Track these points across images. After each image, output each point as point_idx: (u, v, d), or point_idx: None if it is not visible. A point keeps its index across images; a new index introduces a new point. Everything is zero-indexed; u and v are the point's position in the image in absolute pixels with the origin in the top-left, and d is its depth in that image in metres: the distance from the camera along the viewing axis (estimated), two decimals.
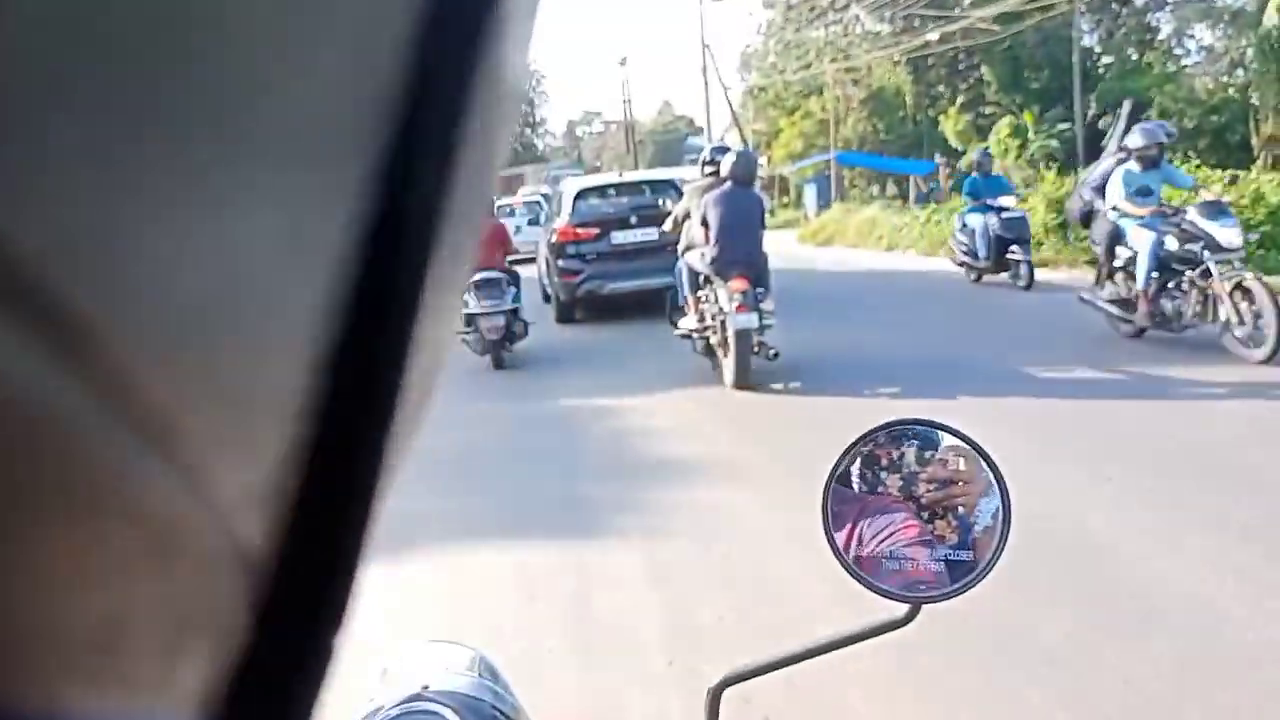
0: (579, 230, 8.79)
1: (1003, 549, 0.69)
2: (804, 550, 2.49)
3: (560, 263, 8.81)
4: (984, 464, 0.72)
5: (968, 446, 0.71)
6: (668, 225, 6.86)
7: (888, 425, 0.73)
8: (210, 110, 0.11)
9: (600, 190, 9.18)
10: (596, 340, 8.12)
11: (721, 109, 27.63)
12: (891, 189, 22.43)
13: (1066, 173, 14.74)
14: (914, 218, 13.22)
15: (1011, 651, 2.14)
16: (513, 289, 6.77)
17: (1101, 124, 20.54)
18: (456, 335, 7.65)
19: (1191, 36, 26.07)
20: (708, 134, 25.13)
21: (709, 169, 6.41)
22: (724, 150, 6.65)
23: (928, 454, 0.72)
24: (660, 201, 8.52)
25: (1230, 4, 19.50)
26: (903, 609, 0.68)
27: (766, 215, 6.11)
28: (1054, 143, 16.68)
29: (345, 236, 0.14)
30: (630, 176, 9.89)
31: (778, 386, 5.61)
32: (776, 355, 5.64)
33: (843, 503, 0.72)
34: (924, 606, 0.68)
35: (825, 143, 24.43)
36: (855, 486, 0.72)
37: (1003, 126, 17.38)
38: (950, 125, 19.68)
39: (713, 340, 5.90)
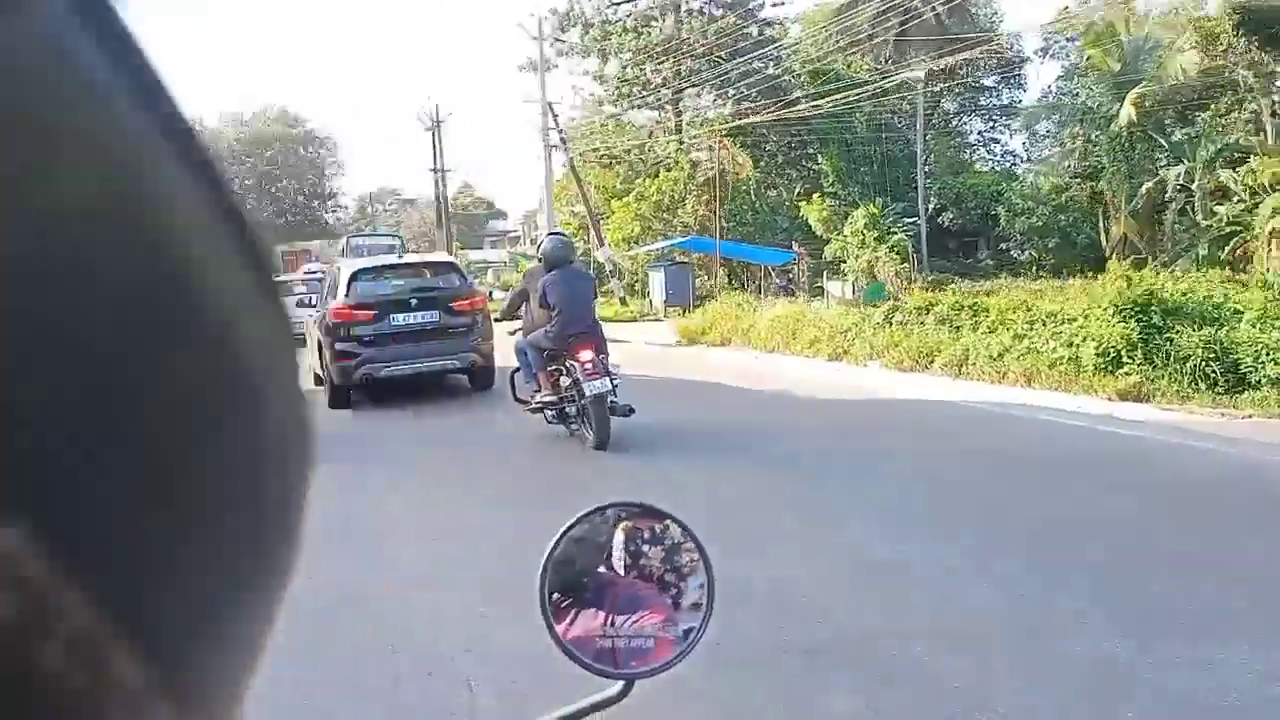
0: (356, 311, 9.12)
1: (707, 624, 0.74)
2: None
3: (336, 345, 9.05)
4: (693, 544, 0.78)
5: (678, 527, 0.77)
6: (503, 308, 7.65)
7: (601, 508, 0.77)
8: None
9: (378, 271, 9.79)
10: (387, 429, 8.38)
11: (532, 192, 27.96)
12: (734, 279, 22.56)
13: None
14: (862, 317, 11.34)
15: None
16: None
17: (941, 219, 22.60)
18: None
19: (996, 141, 30.04)
20: (548, 215, 25.32)
21: (538, 254, 7.21)
22: (552, 237, 7.41)
23: (648, 526, 0.78)
24: (440, 283, 8.69)
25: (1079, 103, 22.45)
26: (618, 685, 0.71)
27: (599, 295, 7.38)
28: (905, 236, 18.00)
29: None
30: (410, 258, 10.11)
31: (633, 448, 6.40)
32: (631, 411, 6.40)
33: (563, 581, 0.76)
34: (637, 681, 0.70)
35: (661, 227, 25.01)
36: (578, 564, 0.75)
37: (857, 217, 18.11)
38: (815, 211, 19.86)
39: (569, 409, 6.67)
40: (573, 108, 29.40)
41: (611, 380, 6.18)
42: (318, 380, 9.98)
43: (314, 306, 10.94)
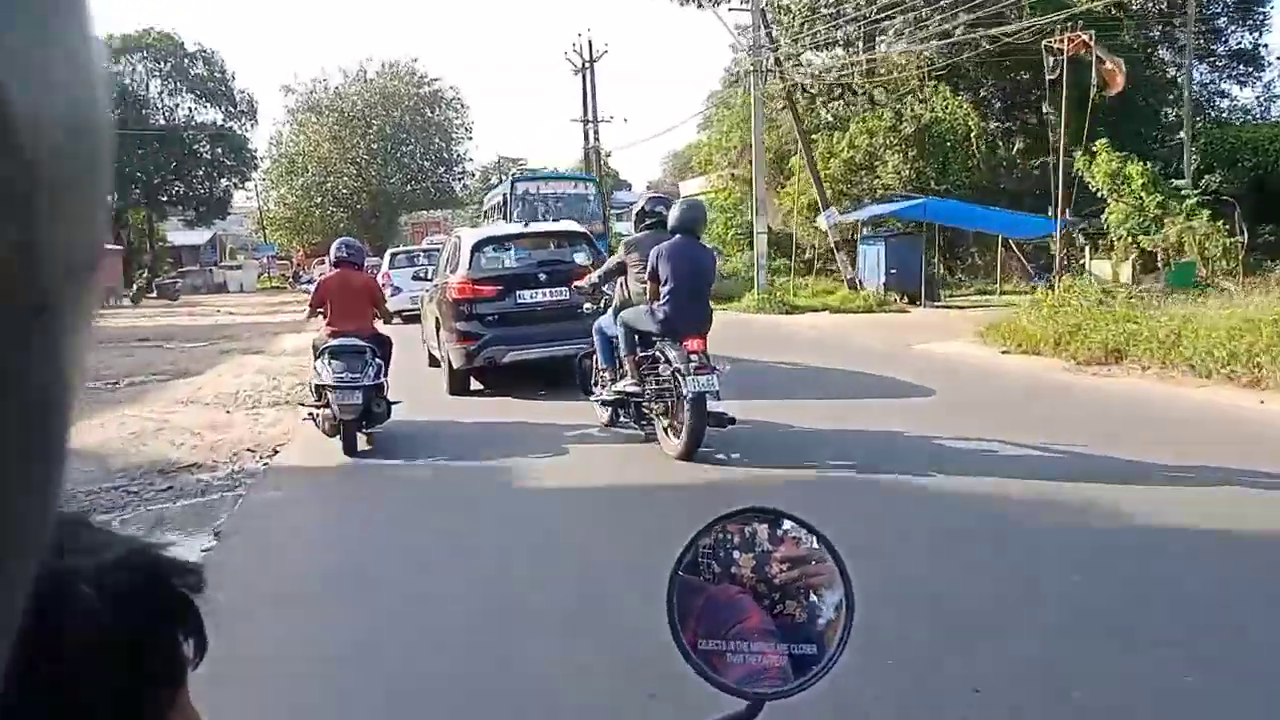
0: (478, 287, 8.58)
1: (845, 643, 0.74)
2: None
3: (456, 325, 8.64)
4: (830, 556, 0.78)
5: (814, 537, 0.78)
6: (594, 277, 6.97)
7: (730, 515, 0.79)
8: None
9: (502, 241, 9.42)
10: (498, 417, 7.73)
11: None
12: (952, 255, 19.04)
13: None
14: None
15: None
16: (378, 362, 6.63)
17: (1205, 181, 17.68)
18: (305, 412, 6.60)
19: (1224, 95, 24.62)
20: (757, 167, 20.60)
21: (648, 220, 6.56)
22: (663, 200, 6.84)
23: (779, 534, 0.78)
24: (571, 256, 7.69)
25: None
26: (745, 704, 0.73)
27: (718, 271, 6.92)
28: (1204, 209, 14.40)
29: None
30: (537, 227, 9.08)
31: (721, 458, 5.78)
32: (733, 421, 5.74)
33: (690, 593, 0.78)
34: (768, 702, 0.73)
35: (858, 190, 21.28)
36: (704, 575, 0.77)
37: (1133, 175, 14.77)
38: (1101, 166, 15.59)
39: (654, 407, 6.03)
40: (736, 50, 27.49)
41: (719, 378, 5.55)
42: (433, 361, 9.29)
43: (430, 280, 10.18)
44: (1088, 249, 16.34)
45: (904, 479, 5.10)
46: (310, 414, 6.65)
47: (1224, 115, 23.85)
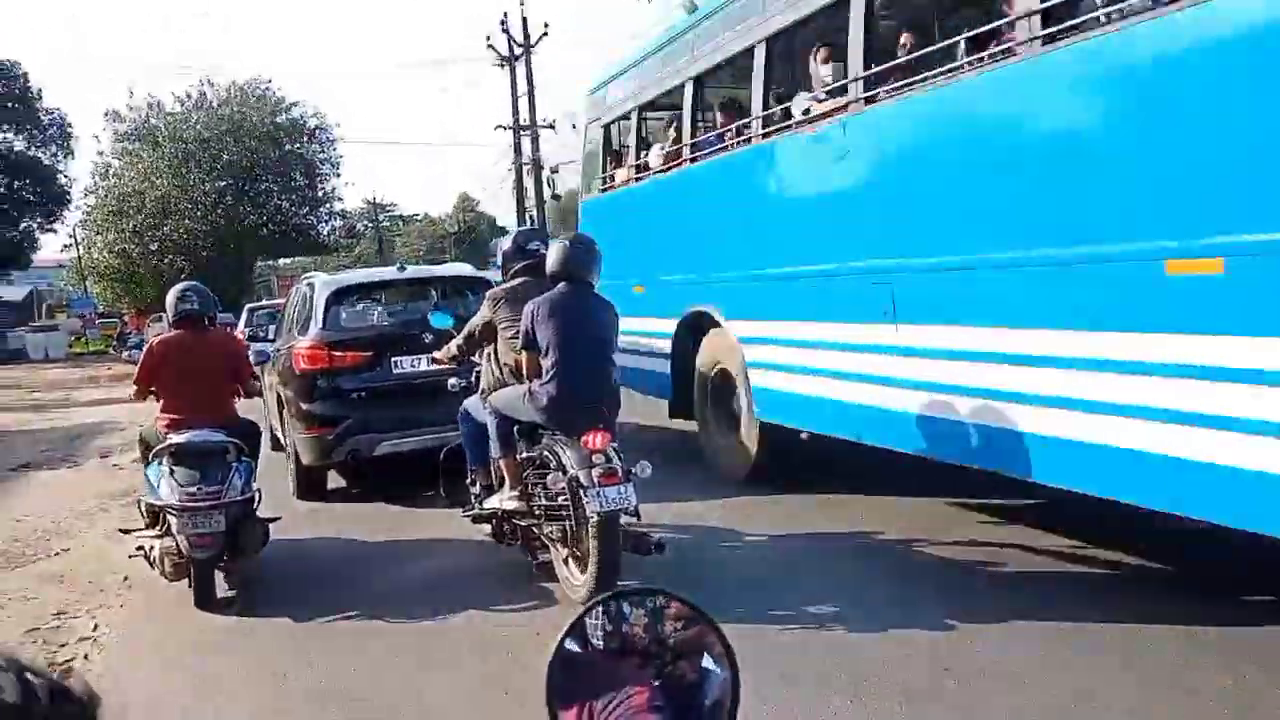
0: (337, 353, 6.59)
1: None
2: None
3: (306, 405, 6.64)
4: (715, 636, 0.85)
5: (703, 618, 0.86)
6: (452, 348, 5.21)
7: (615, 595, 0.85)
8: None
9: (370, 291, 7.46)
10: (392, 532, 5.85)
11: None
12: None
13: None
14: None
15: None
16: (245, 463, 4.83)
17: None
18: (135, 544, 5.13)
19: None
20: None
21: (522, 263, 4.95)
22: (539, 236, 5.22)
23: (665, 621, 0.85)
24: (465, 309, 5.77)
25: None
26: None
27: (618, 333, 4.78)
28: None
29: None
30: (417, 272, 7.18)
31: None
32: (661, 548, 4.27)
33: (572, 676, 0.81)
34: None
35: None
36: (592, 649, 0.82)
37: None
38: None
39: (547, 529, 4.48)
40: None
41: (635, 487, 4.03)
42: (277, 445, 7.14)
43: (270, 340, 8.04)
44: None
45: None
46: (142, 548, 4.70)
47: None
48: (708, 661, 0.79)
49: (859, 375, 4.92)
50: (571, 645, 0.78)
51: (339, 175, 46.88)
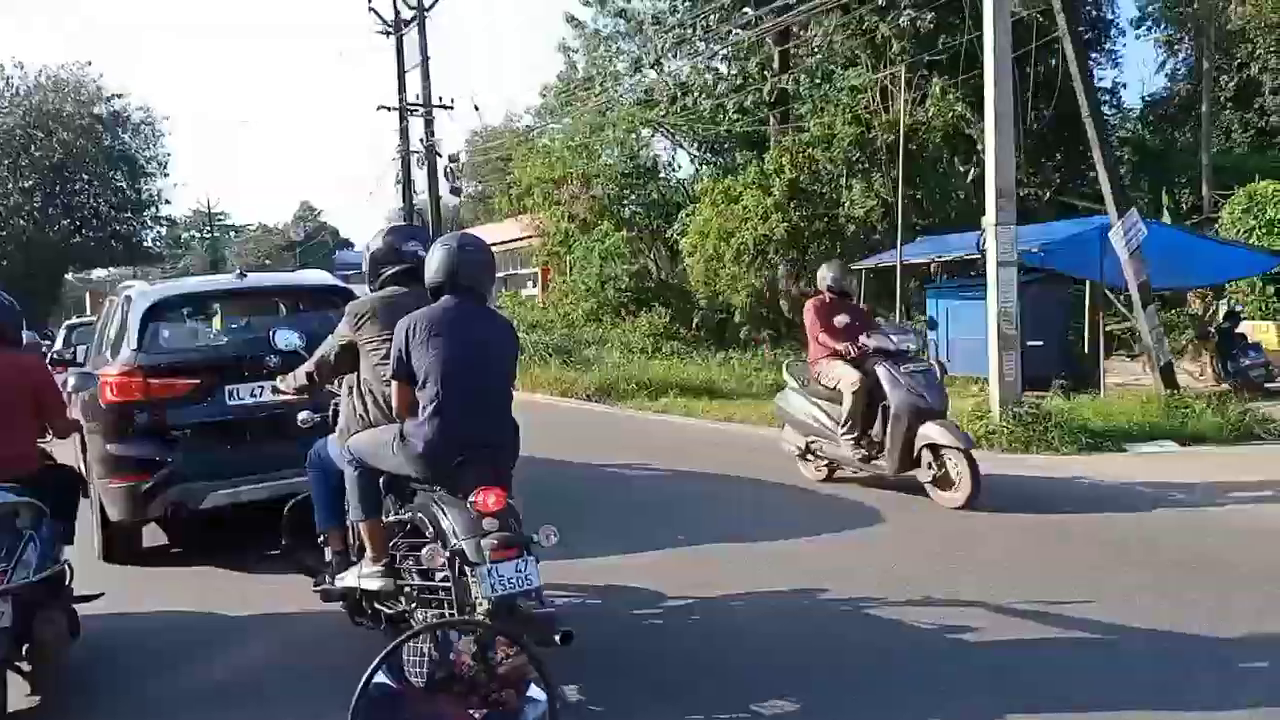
0: (154, 380, 5.43)
1: None
2: None
3: (114, 447, 5.46)
4: (535, 669, 1.12)
5: (525, 649, 1.29)
6: (299, 376, 4.20)
7: (431, 627, 1.17)
8: None
9: (200, 303, 6.19)
10: (222, 604, 4.84)
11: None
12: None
13: None
14: None
15: None
16: (46, 528, 3.68)
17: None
18: None
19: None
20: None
21: (393, 269, 4.00)
22: (418, 236, 4.20)
23: (493, 649, 1.23)
24: (322, 327, 5.18)
25: None
26: None
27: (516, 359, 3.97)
28: None
29: None
30: (260, 279, 6.13)
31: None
32: (569, 639, 3.16)
33: (384, 714, 0.94)
34: None
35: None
36: (401, 688, 0.99)
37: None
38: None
39: (420, 616, 3.54)
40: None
41: (534, 561, 3.16)
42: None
43: (78, 364, 6.78)
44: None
45: None
46: None
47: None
48: (532, 690, 0.93)
49: None
50: (383, 679, 0.83)
51: (166, 175, 43.28)
